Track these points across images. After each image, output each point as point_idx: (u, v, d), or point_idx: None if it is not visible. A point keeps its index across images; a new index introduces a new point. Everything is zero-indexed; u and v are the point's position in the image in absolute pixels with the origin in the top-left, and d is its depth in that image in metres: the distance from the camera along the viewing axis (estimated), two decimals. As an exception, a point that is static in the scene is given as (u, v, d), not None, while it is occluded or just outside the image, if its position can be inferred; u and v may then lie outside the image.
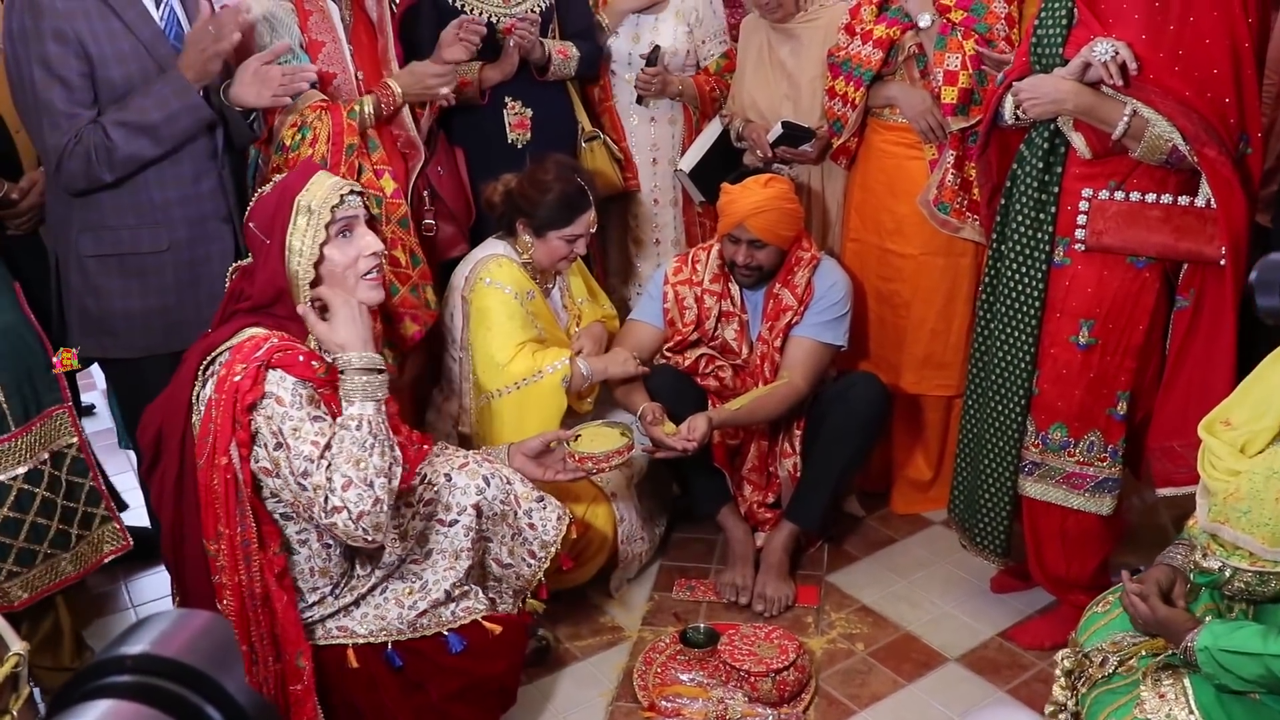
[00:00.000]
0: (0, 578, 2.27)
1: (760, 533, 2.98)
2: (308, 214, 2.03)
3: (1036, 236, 2.37)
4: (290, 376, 1.95)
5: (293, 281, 2.05)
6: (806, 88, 3.12)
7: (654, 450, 2.73)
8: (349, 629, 2.14)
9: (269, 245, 2.04)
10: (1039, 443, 2.47)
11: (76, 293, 2.41)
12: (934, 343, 3.06)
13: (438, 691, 2.14)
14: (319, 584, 2.12)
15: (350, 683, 2.11)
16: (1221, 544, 1.76)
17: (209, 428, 1.94)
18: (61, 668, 2.50)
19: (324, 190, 2.05)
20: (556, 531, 2.36)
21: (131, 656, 0.63)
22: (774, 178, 2.94)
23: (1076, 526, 2.50)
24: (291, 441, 1.93)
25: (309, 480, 1.93)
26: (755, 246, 2.87)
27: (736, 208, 2.87)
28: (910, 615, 2.80)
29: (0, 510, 2.25)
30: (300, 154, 2.60)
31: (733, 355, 3.01)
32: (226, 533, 1.97)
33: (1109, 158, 2.26)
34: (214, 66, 2.34)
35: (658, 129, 3.36)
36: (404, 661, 2.13)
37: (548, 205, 2.80)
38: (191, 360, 2.04)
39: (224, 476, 1.94)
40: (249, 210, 2.11)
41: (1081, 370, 2.37)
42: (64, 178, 2.29)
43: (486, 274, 2.83)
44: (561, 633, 2.76)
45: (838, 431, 2.85)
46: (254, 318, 2.06)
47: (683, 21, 3.31)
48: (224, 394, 1.92)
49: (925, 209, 2.94)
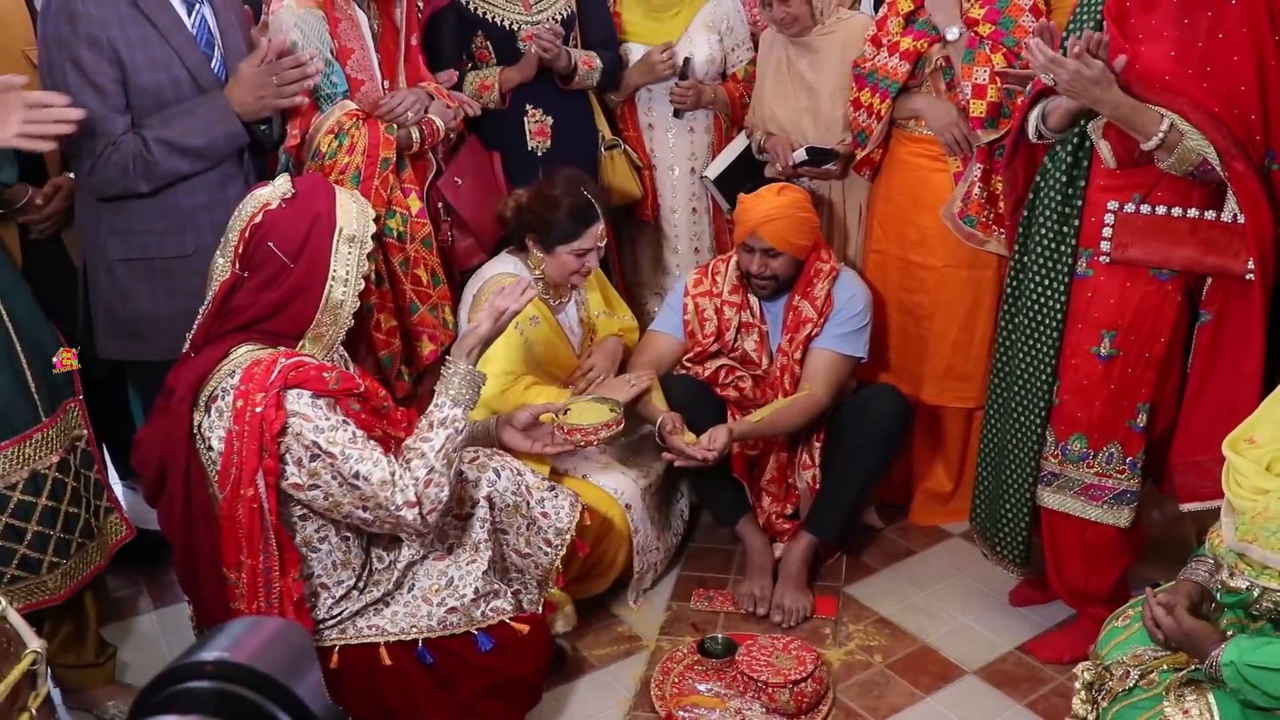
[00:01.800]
0: (42, 570, 2.28)
1: (779, 543, 2.98)
2: (350, 243, 2.07)
3: (1059, 249, 2.37)
4: (306, 391, 1.99)
5: (330, 308, 2.07)
6: (826, 100, 3.12)
7: (673, 459, 2.73)
8: (380, 627, 2.17)
9: (292, 268, 2.05)
10: (1058, 453, 2.47)
11: (104, 296, 2.43)
12: (955, 355, 3.06)
13: (468, 689, 2.18)
14: (343, 577, 2.15)
15: (382, 680, 2.14)
16: (1250, 563, 1.76)
17: (231, 460, 1.96)
18: (85, 665, 2.52)
19: (357, 216, 2.09)
20: (570, 518, 2.41)
21: (210, 662, 0.63)
22: (788, 186, 2.95)
23: (1095, 538, 2.50)
24: (331, 449, 1.98)
25: (366, 481, 1.99)
26: (769, 255, 2.88)
27: (750, 216, 2.88)
28: (929, 627, 2.79)
29: (40, 500, 2.26)
30: (337, 161, 2.62)
31: (752, 366, 3.01)
32: (249, 562, 2.00)
33: (1134, 169, 2.26)
34: (265, 113, 2.41)
35: (695, 138, 3.37)
36: (434, 659, 2.17)
37: (555, 220, 2.79)
38: (183, 388, 2.04)
39: (249, 507, 1.97)
40: (260, 227, 2.07)
41: (1102, 381, 2.37)
42: (96, 183, 2.31)
43: (497, 284, 2.82)
44: (579, 641, 2.76)
45: (858, 443, 2.85)
46: (242, 335, 2.06)
47: (714, 31, 3.32)
48: (246, 425, 1.94)
49: (949, 221, 2.94)
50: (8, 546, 2.22)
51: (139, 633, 2.89)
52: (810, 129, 3.15)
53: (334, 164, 2.62)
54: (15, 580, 2.25)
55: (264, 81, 2.37)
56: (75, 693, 2.56)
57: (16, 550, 2.24)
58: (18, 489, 2.22)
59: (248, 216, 2.08)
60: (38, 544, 2.26)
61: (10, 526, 2.22)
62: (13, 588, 2.24)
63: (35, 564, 2.27)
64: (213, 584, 2.08)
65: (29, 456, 2.24)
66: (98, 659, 2.54)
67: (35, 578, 2.27)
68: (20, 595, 2.26)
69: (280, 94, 2.39)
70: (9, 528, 2.22)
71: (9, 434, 2.21)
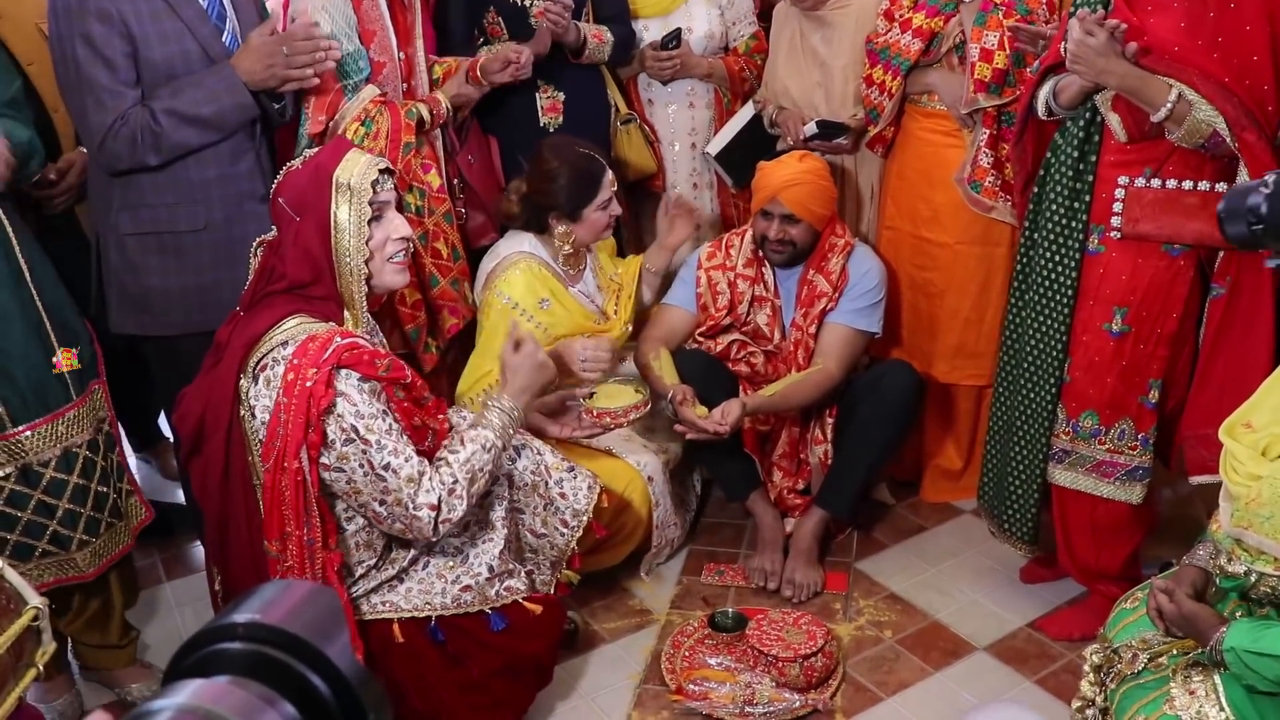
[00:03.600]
0: (72, 546, 2.30)
1: (790, 519, 2.99)
2: (348, 192, 2.05)
3: (1070, 225, 2.36)
4: (355, 373, 1.99)
5: (340, 261, 2.06)
6: (839, 75, 3.11)
7: (685, 431, 2.74)
8: (394, 603, 2.18)
9: (299, 222, 2.05)
10: (1069, 430, 2.47)
11: (116, 270, 2.43)
12: (967, 332, 3.05)
13: (479, 668, 2.19)
14: (364, 558, 2.16)
15: (394, 657, 2.15)
16: (1246, 549, 1.75)
17: (277, 431, 1.97)
18: (109, 645, 2.54)
19: (360, 167, 2.07)
20: (588, 500, 2.41)
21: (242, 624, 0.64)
22: (809, 154, 2.95)
23: (1106, 515, 2.50)
24: (368, 436, 1.99)
25: (394, 474, 2.00)
26: (788, 221, 2.87)
27: (770, 180, 2.87)
28: (939, 603, 2.80)
29: (71, 477, 2.28)
30: (363, 148, 2.60)
31: (764, 341, 3.01)
32: (296, 533, 2.01)
33: (1144, 143, 2.24)
34: (273, 84, 2.38)
35: (696, 114, 3.36)
36: (446, 637, 2.18)
37: (567, 189, 2.79)
38: (235, 350, 2.05)
39: (294, 480, 1.97)
40: (276, 185, 2.11)
41: (1114, 358, 2.37)
42: (106, 157, 2.31)
43: (503, 286, 2.80)
44: (590, 615, 2.78)
45: (870, 419, 2.85)
46: (293, 302, 2.07)
47: (714, 4, 3.30)
48: (295, 399, 1.95)
49: (959, 187, 2.92)
50: (39, 522, 2.25)
51: (155, 604, 2.92)
52: (823, 104, 3.14)
53: (363, 145, 2.61)
54: (45, 555, 2.27)
55: (273, 51, 2.35)
56: (98, 672, 2.59)
57: (48, 526, 2.26)
58: (50, 466, 2.24)
59: (277, 181, 2.11)
60: (68, 521, 2.28)
61: (42, 503, 2.24)
62: (43, 562, 2.28)
63: (66, 540, 2.29)
64: (244, 551, 2.09)
65: (61, 434, 2.26)
66: (121, 641, 2.56)
67: (65, 554, 2.30)
68: (50, 570, 2.29)
69: (290, 65, 2.36)
70: (40, 504, 2.24)
71: (43, 411, 2.23)
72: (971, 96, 2.80)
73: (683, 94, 3.33)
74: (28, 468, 2.21)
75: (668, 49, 3.20)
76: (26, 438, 2.20)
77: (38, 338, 2.22)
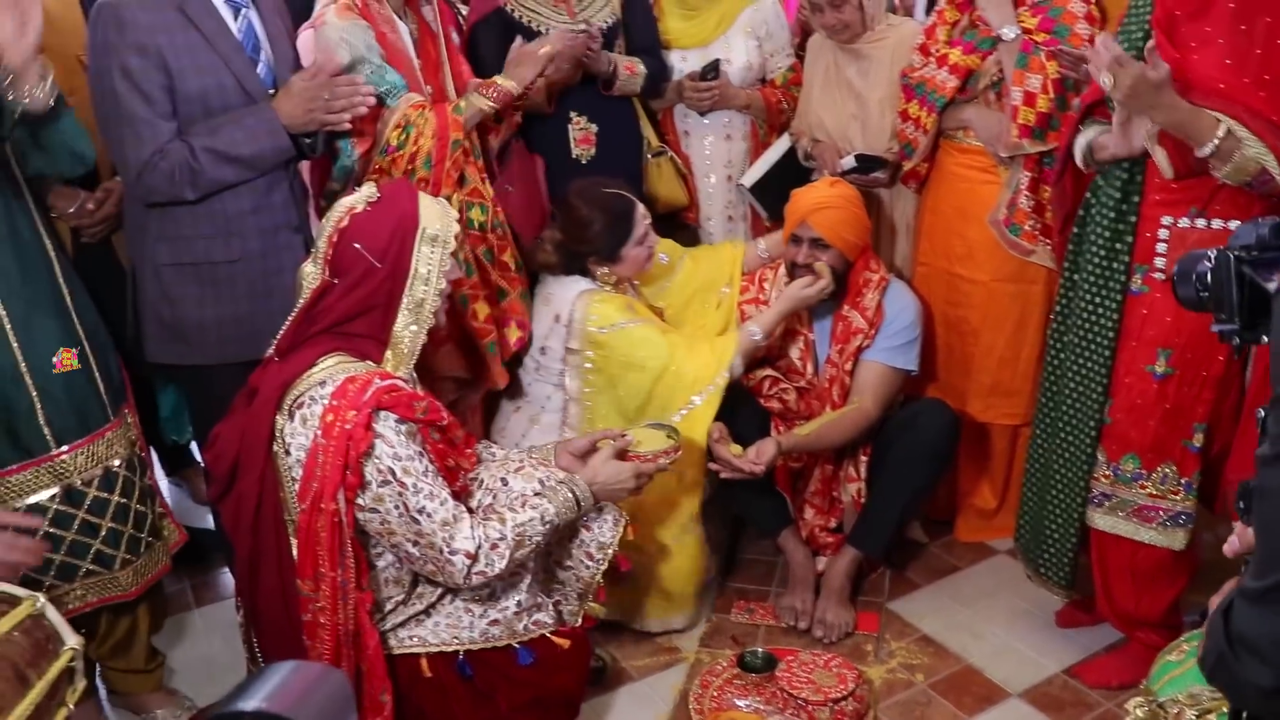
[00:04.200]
0: (116, 566, 2.33)
1: (821, 557, 2.95)
2: (433, 243, 2.09)
3: (1112, 265, 2.32)
4: (393, 415, 1.99)
5: (412, 310, 2.09)
6: (875, 108, 3.08)
7: (719, 470, 2.71)
8: (422, 638, 2.17)
9: (378, 268, 2.06)
10: (1110, 474, 2.42)
11: (152, 301, 2.44)
12: (1002, 371, 3.01)
13: (507, 702, 2.17)
14: (392, 593, 2.16)
15: (422, 691, 2.14)
16: None
17: (314, 472, 1.97)
18: (133, 670, 2.55)
19: (439, 217, 2.11)
20: (613, 533, 2.39)
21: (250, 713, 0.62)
22: (840, 181, 2.93)
23: (1147, 561, 2.44)
24: (404, 478, 1.99)
25: (428, 517, 2.00)
26: (817, 246, 2.84)
27: (800, 205, 2.86)
28: (972, 647, 2.75)
29: (113, 496, 2.31)
30: (405, 153, 2.62)
31: (796, 376, 2.97)
32: (329, 574, 2.00)
33: (1190, 180, 2.20)
34: (313, 126, 2.40)
35: (732, 146, 3.34)
36: (474, 671, 2.16)
37: (603, 233, 2.78)
38: (270, 389, 2.05)
39: (330, 521, 1.97)
40: (347, 230, 2.07)
41: (1157, 400, 2.32)
42: (143, 190, 2.32)
43: (596, 321, 2.75)
44: (619, 651, 2.75)
45: (906, 459, 2.81)
46: (331, 340, 2.07)
47: (752, 36, 3.28)
48: (333, 440, 1.94)
49: (995, 229, 2.88)
50: (83, 542, 2.27)
51: (184, 630, 2.92)
52: (858, 137, 3.12)
53: (403, 154, 2.62)
54: (89, 575, 2.30)
55: (315, 96, 2.37)
56: (124, 696, 2.59)
57: (91, 545, 2.28)
58: (93, 485, 2.28)
59: (334, 222, 2.09)
60: (112, 540, 2.31)
61: (86, 522, 2.27)
62: (87, 582, 2.30)
63: (109, 559, 2.32)
64: (274, 589, 2.08)
65: (102, 454, 2.29)
66: (147, 665, 2.57)
67: (109, 573, 2.33)
68: (94, 590, 2.32)
69: (330, 109, 2.39)
70: (85, 523, 2.27)
71: (85, 432, 2.26)
72: (1015, 141, 2.76)
73: (720, 126, 3.32)
74: (71, 488, 2.25)
75: (707, 80, 3.19)
76: (69, 458, 2.24)
77: (79, 358, 2.26)
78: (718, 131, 3.32)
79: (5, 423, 2.17)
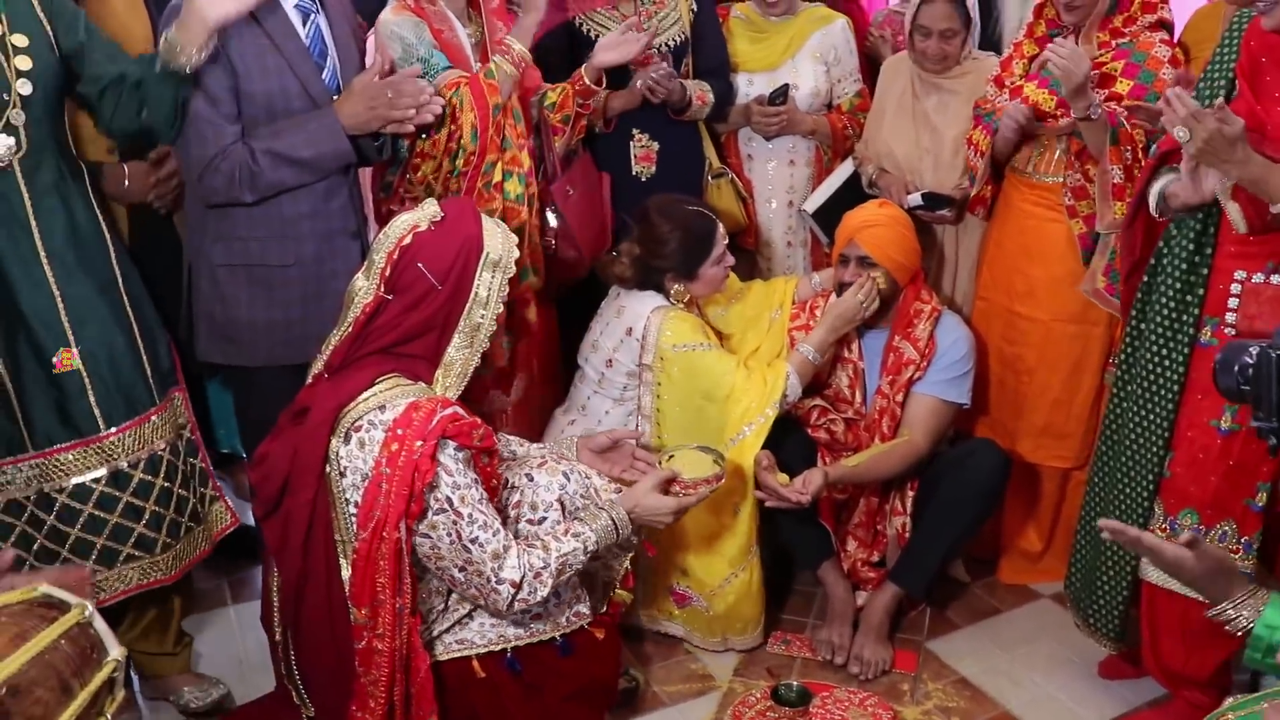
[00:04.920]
0: (157, 550, 2.35)
1: (861, 591, 2.91)
2: (493, 268, 2.10)
3: (1182, 317, 2.27)
4: (452, 443, 1.99)
5: (468, 330, 2.09)
6: (950, 145, 3.04)
7: (764, 498, 2.68)
8: (469, 640, 2.19)
9: (439, 290, 2.06)
10: (1166, 527, 2.35)
11: (205, 299, 2.46)
12: (1055, 413, 2.95)
13: (554, 694, 2.22)
14: (435, 604, 2.17)
15: (476, 693, 2.17)
16: None
17: (376, 500, 1.97)
18: (164, 653, 2.58)
19: (502, 242, 2.12)
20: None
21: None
22: (888, 203, 2.90)
23: (1200, 619, 2.35)
24: (460, 508, 2.00)
25: (480, 547, 2.01)
26: (865, 264, 2.80)
27: (848, 224, 2.84)
28: (1011, 693, 2.69)
29: (157, 479, 2.33)
30: (444, 132, 2.61)
31: (845, 405, 2.93)
32: (389, 601, 2.01)
33: (1268, 235, 2.14)
34: (375, 126, 2.40)
35: (795, 171, 3.32)
36: (522, 667, 2.19)
37: (681, 250, 2.75)
38: (323, 411, 2.04)
39: (393, 549, 1.97)
40: (409, 249, 2.06)
41: (1221, 456, 2.25)
42: (204, 190, 2.34)
43: (670, 339, 2.71)
44: (651, 677, 2.72)
45: (954, 498, 2.76)
46: (385, 362, 2.07)
47: (820, 61, 3.26)
48: (398, 470, 1.95)
49: (1099, 300, 2.78)
50: (126, 526, 2.30)
51: (218, 626, 2.93)
52: (929, 172, 3.08)
53: (441, 135, 2.61)
54: (130, 560, 2.32)
55: (378, 93, 2.37)
56: (151, 679, 2.62)
57: (134, 529, 2.31)
58: (139, 468, 2.30)
59: (396, 239, 2.09)
60: (154, 524, 2.34)
61: (130, 505, 2.30)
62: (127, 566, 2.32)
63: (150, 543, 2.34)
64: (321, 612, 2.08)
65: (147, 437, 2.32)
66: (175, 648, 2.59)
67: (150, 557, 2.35)
68: (136, 574, 2.34)
69: (394, 104, 2.38)
70: (129, 506, 2.29)
71: (132, 415, 2.29)
72: (1116, 219, 2.66)
73: (784, 150, 3.29)
74: (118, 471, 2.28)
75: (774, 104, 3.16)
76: (116, 439, 2.27)
77: (127, 342, 2.29)
78: (781, 156, 3.30)
79: (57, 402, 2.21)
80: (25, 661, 1.37)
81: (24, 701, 1.35)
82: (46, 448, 2.22)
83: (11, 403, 2.20)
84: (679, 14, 3.11)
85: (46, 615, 1.54)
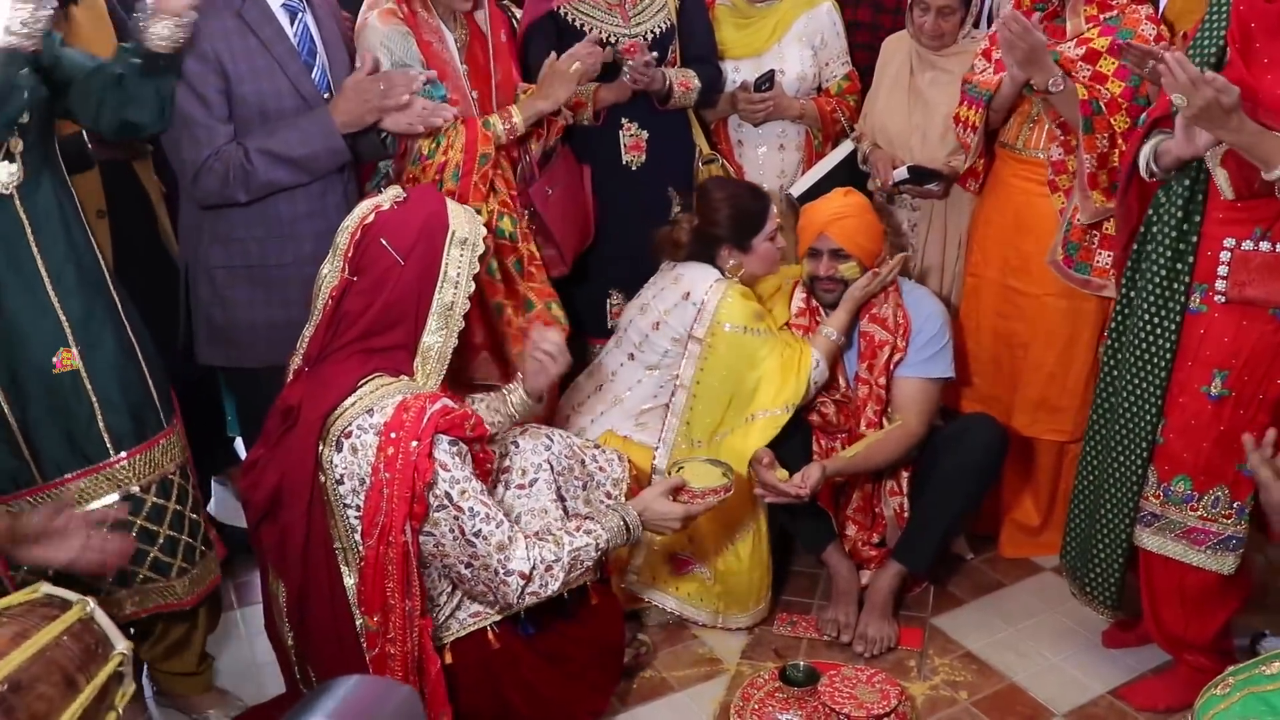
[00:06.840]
0: (172, 574, 2.33)
1: (865, 570, 2.92)
2: (462, 245, 2.08)
3: (1172, 284, 2.28)
4: (445, 438, 2.00)
5: (442, 315, 2.08)
6: (940, 121, 3.05)
7: (765, 495, 2.69)
8: (483, 612, 2.20)
9: (402, 266, 2.04)
10: (1160, 494, 2.37)
11: (204, 302, 2.47)
12: (1050, 386, 2.97)
13: (572, 662, 2.27)
14: (444, 586, 2.18)
15: (495, 664, 2.18)
16: None
17: (379, 506, 1.97)
18: (187, 673, 2.56)
19: (468, 221, 2.10)
20: (622, 467, 2.48)
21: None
22: (852, 190, 2.92)
23: (1196, 584, 2.40)
24: (461, 502, 2.00)
25: (484, 540, 2.02)
26: (837, 256, 2.82)
27: (816, 217, 2.85)
28: (1016, 665, 2.71)
29: (169, 503, 2.30)
30: (435, 161, 2.63)
31: (833, 390, 2.92)
32: (399, 605, 2.01)
33: (1254, 201, 2.15)
34: (370, 119, 2.42)
35: (786, 156, 3.33)
36: (534, 630, 2.23)
37: (735, 219, 2.79)
38: (311, 418, 2.03)
39: (400, 554, 1.98)
40: (372, 226, 2.09)
41: (1212, 422, 2.28)
42: (198, 192, 2.36)
43: (726, 316, 2.73)
44: (659, 662, 2.74)
45: (953, 474, 2.78)
46: (365, 360, 2.06)
47: (807, 45, 3.26)
48: (398, 473, 1.95)
49: (1058, 271, 2.83)
50: (141, 548, 2.25)
51: (225, 630, 2.91)
52: (918, 147, 3.09)
53: (433, 163, 2.64)
54: (146, 581, 2.29)
55: (369, 86, 2.40)
56: (173, 697, 2.60)
57: (149, 552, 2.27)
58: (151, 491, 2.27)
59: (358, 218, 2.10)
60: (169, 548, 2.30)
61: (144, 529, 2.26)
62: (144, 588, 2.30)
63: (166, 567, 2.31)
64: (327, 623, 2.08)
65: (158, 461, 2.28)
66: (198, 668, 2.58)
67: (165, 580, 2.32)
68: (152, 597, 2.32)
69: (387, 95, 2.40)
70: (143, 530, 2.25)
71: (142, 439, 2.25)
72: (1098, 207, 2.71)
73: (773, 136, 3.31)
74: (129, 495, 2.23)
75: (761, 91, 3.18)
76: (127, 464, 2.23)
77: (133, 367, 2.25)
78: (771, 142, 3.31)
79: (64, 428, 2.16)
80: (26, 658, 1.38)
81: (27, 697, 1.37)
82: (56, 478, 2.17)
83: (16, 438, 2.14)
84: (664, 1, 3.12)
85: (48, 614, 1.56)
